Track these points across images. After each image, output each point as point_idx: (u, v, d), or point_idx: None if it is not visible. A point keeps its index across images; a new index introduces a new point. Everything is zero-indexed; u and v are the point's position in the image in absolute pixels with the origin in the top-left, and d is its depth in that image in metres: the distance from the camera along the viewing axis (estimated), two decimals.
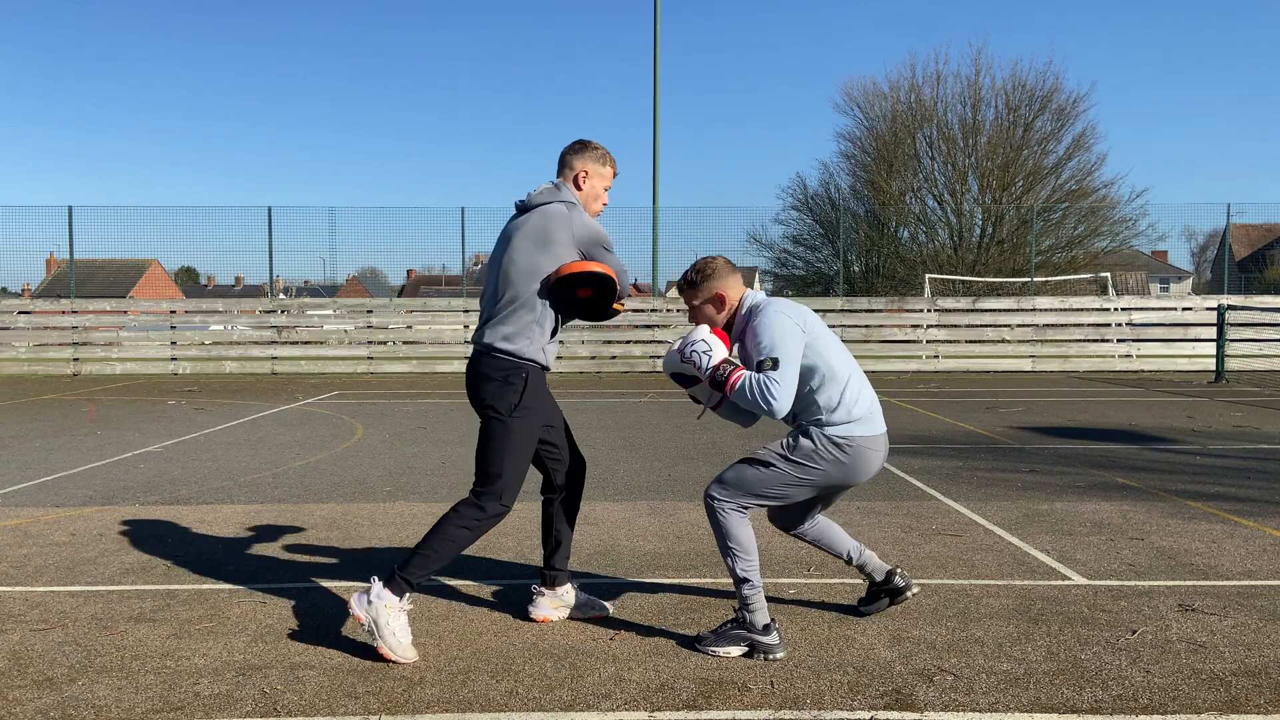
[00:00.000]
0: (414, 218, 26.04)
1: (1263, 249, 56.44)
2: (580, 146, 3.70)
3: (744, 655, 3.39)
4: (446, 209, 42.90)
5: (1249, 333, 18.08)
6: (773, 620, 3.43)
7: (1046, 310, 18.58)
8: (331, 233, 20.67)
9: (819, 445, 3.41)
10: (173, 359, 18.69)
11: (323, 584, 4.34)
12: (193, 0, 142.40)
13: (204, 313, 20.35)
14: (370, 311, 19.31)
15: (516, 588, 4.24)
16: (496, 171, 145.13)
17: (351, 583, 4.33)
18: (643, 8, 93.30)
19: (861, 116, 35.76)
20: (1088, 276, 26.61)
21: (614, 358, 18.76)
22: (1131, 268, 38.59)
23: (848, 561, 3.81)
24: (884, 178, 33.53)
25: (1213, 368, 16.91)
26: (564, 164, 3.69)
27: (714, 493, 3.49)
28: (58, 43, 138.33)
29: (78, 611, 3.95)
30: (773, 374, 3.29)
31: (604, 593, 4.10)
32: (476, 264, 31.73)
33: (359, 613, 3.34)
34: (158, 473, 7.31)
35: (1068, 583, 4.30)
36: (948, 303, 18.76)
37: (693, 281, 3.58)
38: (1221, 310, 16.75)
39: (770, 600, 3.69)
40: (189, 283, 62.51)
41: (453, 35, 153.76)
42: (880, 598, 3.80)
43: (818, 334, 3.46)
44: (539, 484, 3.87)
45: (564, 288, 3.47)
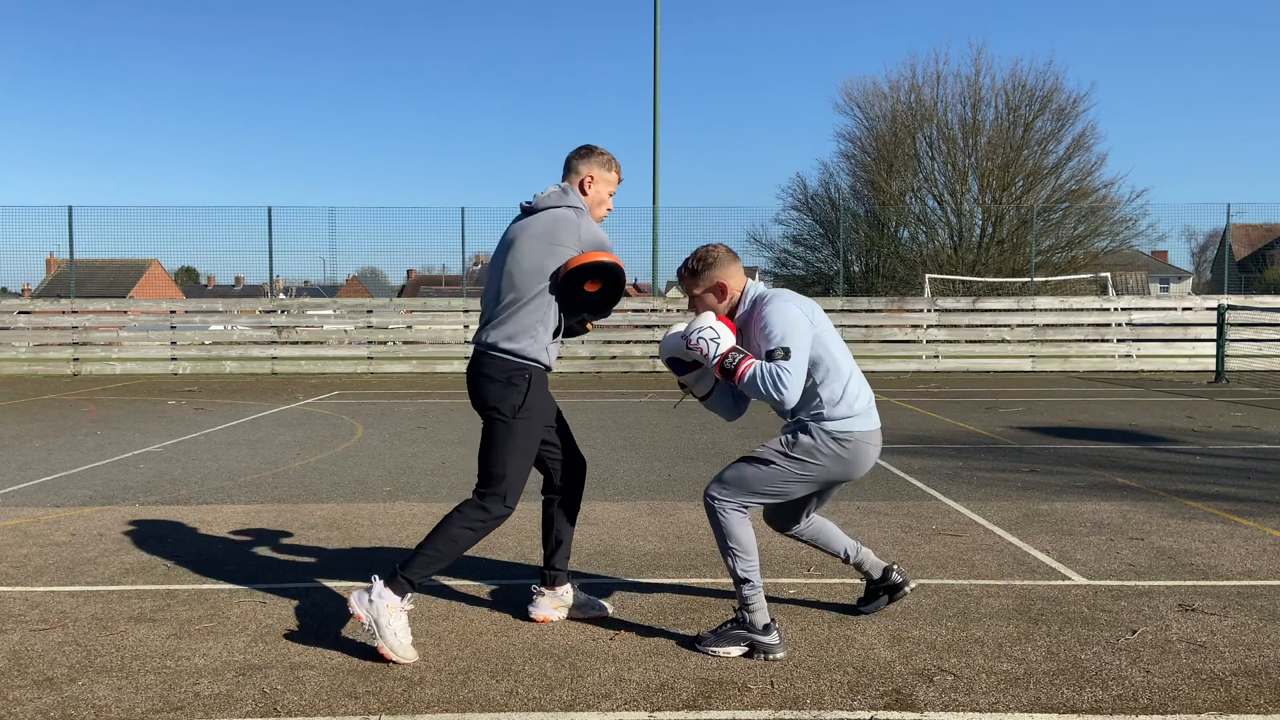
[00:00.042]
0: (414, 218, 26.10)
1: (1263, 249, 56.43)
2: (586, 152, 3.69)
3: (744, 655, 3.39)
4: (446, 209, 43.01)
5: (1249, 333, 18.08)
6: (773, 620, 3.43)
7: (1046, 310, 18.59)
8: (331, 233, 20.74)
9: (819, 441, 3.40)
10: (173, 359, 18.69)
11: (323, 584, 4.35)
12: (193, 0, 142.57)
13: (204, 313, 20.36)
14: (370, 311, 19.32)
15: (516, 588, 4.24)
16: (496, 171, 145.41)
17: (351, 583, 4.32)
18: (643, 8, 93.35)
19: (861, 116, 35.83)
20: (1088, 276, 26.61)
21: (614, 358, 18.77)
22: (1131, 268, 38.60)
23: (845, 560, 3.81)
24: (884, 178, 33.53)
25: (1213, 368, 16.91)
26: (569, 168, 3.68)
27: (714, 492, 3.48)
28: (58, 43, 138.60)
29: (78, 611, 3.95)
30: (784, 364, 3.26)
31: (604, 593, 4.11)
32: (476, 264, 31.73)
33: (359, 611, 3.34)
34: (158, 473, 7.31)
35: (1068, 583, 4.30)
36: (948, 303, 18.76)
37: (694, 270, 3.52)
38: (1221, 310, 16.76)
39: (770, 600, 3.68)
40: (189, 283, 62.53)
41: (453, 35, 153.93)
42: (879, 596, 3.80)
43: (824, 327, 3.45)
44: (539, 484, 3.88)
45: (572, 283, 3.46)
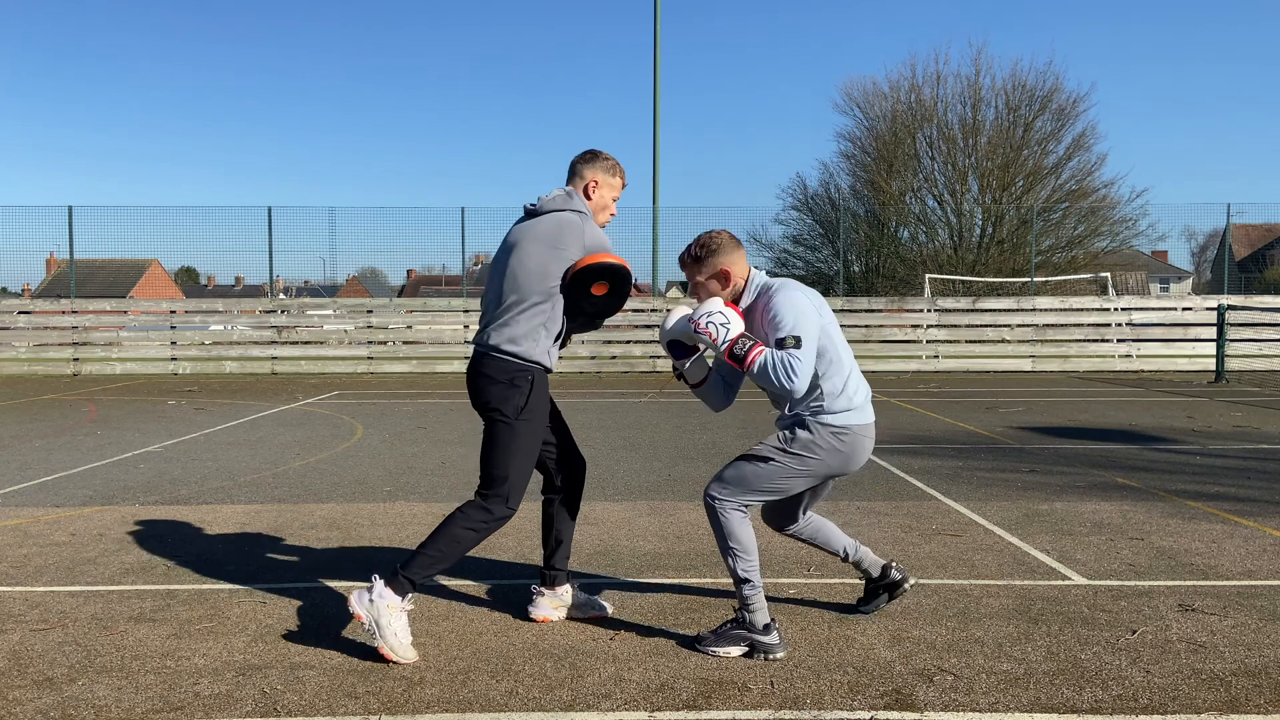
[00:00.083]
0: (414, 218, 26.05)
1: (1263, 249, 56.43)
2: (591, 156, 3.68)
3: (744, 655, 3.39)
4: (446, 209, 42.96)
5: (1249, 333, 18.08)
6: (773, 620, 3.43)
7: (1046, 310, 18.59)
8: (331, 233, 20.74)
9: (817, 435, 3.40)
10: (173, 359, 18.69)
11: (323, 584, 4.35)
12: (193, 0, 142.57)
13: (204, 313, 20.37)
14: (370, 311, 19.32)
15: (516, 588, 4.24)
16: (496, 171, 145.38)
17: (352, 583, 4.32)
18: (643, 8, 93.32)
19: (861, 116, 35.81)
20: (1088, 276, 26.61)
21: (614, 358, 18.77)
22: (1131, 268, 38.60)
23: (844, 559, 3.81)
24: (884, 178, 33.52)
25: (1213, 368, 16.91)
26: (574, 172, 3.68)
27: (714, 492, 3.48)
28: (58, 43, 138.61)
29: (78, 611, 3.95)
30: (795, 352, 3.25)
31: (604, 593, 4.11)
32: (476, 264, 31.76)
33: (360, 611, 3.33)
34: (158, 473, 7.31)
35: (1068, 583, 4.30)
36: (948, 303, 18.76)
37: (697, 256, 3.49)
38: (1221, 310, 16.76)
39: (770, 600, 3.68)
40: (189, 283, 62.51)
41: (453, 35, 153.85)
42: (879, 594, 3.80)
43: (829, 319, 3.45)
44: (539, 484, 3.87)
45: (579, 285, 3.46)
